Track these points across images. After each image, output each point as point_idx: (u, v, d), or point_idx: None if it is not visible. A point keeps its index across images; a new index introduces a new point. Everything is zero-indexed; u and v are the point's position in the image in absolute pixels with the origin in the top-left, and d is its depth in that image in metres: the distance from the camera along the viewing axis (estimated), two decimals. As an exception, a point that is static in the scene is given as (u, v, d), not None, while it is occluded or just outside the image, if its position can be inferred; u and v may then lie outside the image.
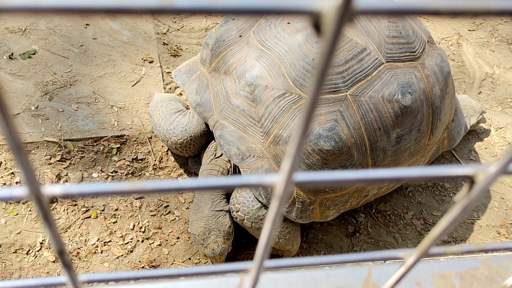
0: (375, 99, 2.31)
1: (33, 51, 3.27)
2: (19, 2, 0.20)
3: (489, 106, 3.75)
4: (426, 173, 0.34)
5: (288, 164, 0.30)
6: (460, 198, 0.37)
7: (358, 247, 2.77)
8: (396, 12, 0.22)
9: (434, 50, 2.67)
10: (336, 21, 0.22)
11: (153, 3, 0.20)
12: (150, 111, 2.88)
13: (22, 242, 2.44)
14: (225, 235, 2.44)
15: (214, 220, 2.45)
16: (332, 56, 0.23)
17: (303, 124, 0.28)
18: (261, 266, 0.42)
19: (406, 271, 0.48)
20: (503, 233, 2.94)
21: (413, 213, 2.99)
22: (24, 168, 0.27)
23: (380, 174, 0.34)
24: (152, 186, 0.32)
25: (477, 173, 0.34)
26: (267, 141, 2.32)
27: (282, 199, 0.33)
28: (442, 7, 0.23)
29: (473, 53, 4.20)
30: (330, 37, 0.22)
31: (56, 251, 0.35)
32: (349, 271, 0.63)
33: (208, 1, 0.21)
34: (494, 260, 0.67)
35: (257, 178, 0.33)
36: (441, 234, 0.41)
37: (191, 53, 3.65)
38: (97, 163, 2.83)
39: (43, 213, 0.31)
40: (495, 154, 3.41)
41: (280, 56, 2.32)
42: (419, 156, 2.65)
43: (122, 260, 2.48)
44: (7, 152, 2.71)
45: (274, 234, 0.37)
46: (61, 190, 0.31)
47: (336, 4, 0.21)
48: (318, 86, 0.25)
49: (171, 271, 0.45)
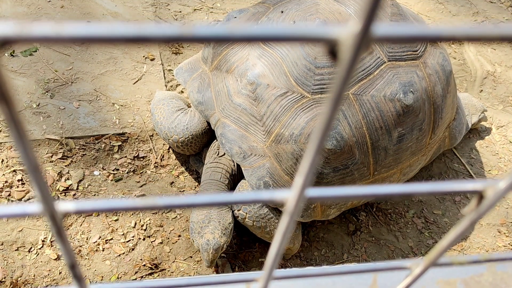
0: (377, 98, 2.31)
1: (35, 48, 3.27)
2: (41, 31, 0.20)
3: (490, 104, 3.75)
4: (436, 189, 0.35)
5: (301, 180, 0.31)
6: (469, 211, 0.38)
7: (359, 245, 2.77)
8: (413, 38, 0.22)
9: (436, 48, 2.67)
10: (353, 48, 0.22)
11: (173, 31, 0.21)
12: (152, 109, 2.88)
13: (24, 239, 2.44)
14: (224, 229, 2.37)
15: (216, 212, 2.41)
16: (348, 81, 0.23)
17: (316, 142, 0.28)
18: (270, 276, 0.42)
19: (412, 281, 0.49)
20: (503, 231, 2.95)
21: (414, 211, 2.99)
22: (39, 187, 0.27)
23: (391, 190, 0.34)
24: (164, 202, 0.32)
25: (486, 189, 0.35)
26: (268, 139, 2.33)
27: (293, 215, 0.33)
28: (459, 33, 0.23)
29: (474, 51, 4.19)
30: (347, 64, 0.22)
31: (68, 265, 0.35)
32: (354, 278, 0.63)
33: (227, 30, 0.21)
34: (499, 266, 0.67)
35: (268, 194, 0.33)
36: (449, 246, 0.42)
37: (192, 51, 3.65)
38: (99, 161, 2.83)
39: (56, 230, 0.31)
40: (496, 152, 3.41)
41: (282, 55, 2.32)
42: (420, 155, 2.65)
43: (123, 258, 2.48)
44: (8, 150, 2.71)
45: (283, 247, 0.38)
46: (75, 206, 0.31)
47: (353, 31, 0.21)
48: (333, 109, 0.25)
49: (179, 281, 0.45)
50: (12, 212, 0.30)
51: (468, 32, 0.23)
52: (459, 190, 0.35)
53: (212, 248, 2.31)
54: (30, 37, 0.20)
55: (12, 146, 2.74)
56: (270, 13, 2.50)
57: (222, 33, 0.21)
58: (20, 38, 0.20)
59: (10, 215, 0.30)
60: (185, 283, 0.44)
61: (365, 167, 2.39)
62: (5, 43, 0.20)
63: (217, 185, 2.55)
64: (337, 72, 0.23)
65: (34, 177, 0.27)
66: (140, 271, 2.45)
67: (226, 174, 2.59)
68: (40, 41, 0.20)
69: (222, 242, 2.36)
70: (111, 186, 2.74)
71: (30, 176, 0.27)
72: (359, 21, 0.21)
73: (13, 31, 0.20)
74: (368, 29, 0.21)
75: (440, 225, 2.93)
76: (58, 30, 0.20)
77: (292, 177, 2.34)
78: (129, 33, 0.20)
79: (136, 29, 0.20)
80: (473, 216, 0.37)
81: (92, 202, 0.31)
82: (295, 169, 2.31)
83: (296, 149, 2.27)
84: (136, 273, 2.44)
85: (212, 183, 2.56)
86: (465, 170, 3.27)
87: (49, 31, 0.20)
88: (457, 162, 3.31)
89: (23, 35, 0.20)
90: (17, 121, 0.23)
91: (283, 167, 2.32)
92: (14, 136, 0.24)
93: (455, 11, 4.59)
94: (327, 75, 2.25)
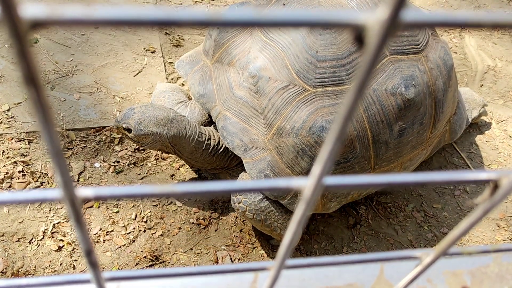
0: (378, 92, 2.31)
1: (35, 39, 3.26)
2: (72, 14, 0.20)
3: (490, 99, 3.75)
4: (451, 178, 0.35)
5: (319, 168, 0.31)
6: (482, 200, 0.38)
7: (359, 238, 2.78)
8: (441, 23, 0.22)
9: (438, 42, 2.67)
10: (381, 34, 0.22)
11: (202, 16, 0.21)
12: (152, 101, 2.87)
13: (25, 231, 2.45)
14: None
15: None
16: (374, 68, 0.23)
17: (338, 129, 0.28)
18: (283, 265, 0.42)
19: (422, 270, 0.49)
20: (502, 225, 2.96)
21: (413, 205, 3.00)
22: (61, 172, 0.28)
23: (406, 179, 0.34)
24: (182, 189, 0.32)
25: (501, 178, 0.35)
26: (270, 132, 2.33)
27: (310, 203, 0.33)
28: (484, 19, 0.23)
29: (475, 45, 4.19)
30: (374, 50, 0.22)
31: (84, 251, 0.35)
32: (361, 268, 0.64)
33: (257, 14, 0.21)
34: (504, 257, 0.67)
35: (285, 181, 0.33)
36: (460, 236, 0.42)
37: (193, 44, 3.64)
38: (99, 153, 2.83)
39: (75, 215, 0.31)
40: (496, 147, 3.42)
41: (283, 48, 2.32)
42: (421, 149, 2.65)
43: (124, 250, 2.49)
44: (9, 141, 2.71)
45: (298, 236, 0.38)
46: (93, 192, 0.31)
47: (382, 17, 0.21)
48: (357, 97, 0.25)
49: (190, 269, 0.45)
50: (33, 197, 0.30)
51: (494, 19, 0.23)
52: (474, 179, 0.35)
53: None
54: (61, 19, 0.20)
55: (13, 138, 2.73)
56: (272, 6, 2.49)
57: (252, 17, 0.21)
58: (51, 20, 0.20)
59: (31, 200, 0.30)
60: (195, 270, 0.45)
61: (366, 160, 2.40)
62: (36, 25, 0.20)
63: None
64: (363, 59, 0.23)
65: (56, 162, 0.27)
66: (141, 263, 2.46)
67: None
68: (71, 24, 0.20)
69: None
70: (111, 178, 2.74)
71: (52, 161, 0.27)
72: (387, 7, 0.21)
73: (45, 13, 0.20)
74: (397, 15, 0.21)
75: (440, 219, 2.94)
76: (89, 13, 0.20)
77: (293, 170, 2.34)
78: (159, 17, 0.20)
79: (166, 13, 0.21)
80: (486, 205, 0.37)
81: (111, 189, 0.31)
82: (296, 162, 2.31)
83: (297, 142, 2.27)
84: (136, 265, 2.45)
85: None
86: (465, 165, 3.28)
87: (80, 14, 0.20)
88: (457, 157, 3.32)
89: (54, 17, 0.20)
90: (44, 106, 0.23)
91: (284, 160, 2.32)
92: (40, 121, 0.24)
93: (456, 5, 4.58)
94: (328, 69, 2.25)
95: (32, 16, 0.20)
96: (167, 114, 2.44)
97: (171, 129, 2.43)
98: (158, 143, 2.44)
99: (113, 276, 0.42)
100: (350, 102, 0.26)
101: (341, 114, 0.27)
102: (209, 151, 2.58)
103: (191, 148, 2.53)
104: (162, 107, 2.47)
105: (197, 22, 0.21)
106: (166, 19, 0.20)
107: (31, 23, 0.20)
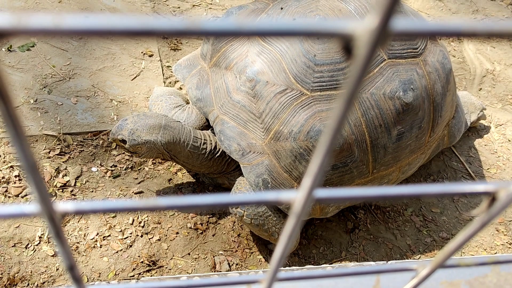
0: (376, 96, 2.30)
1: (32, 43, 3.25)
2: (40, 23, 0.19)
3: (489, 103, 3.74)
4: (447, 190, 0.34)
5: (309, 181, 0.29)
6: (479, 212, 0.37)
7: (357, 243, 2.77)
8: (433, 33, 0.21)
9: (436, 46, 2.66)
10: (370, 44, 0.21)
11: (179, 25, 0.19)
12: (150, 105, 2.86)
13: (21, 236, 2.43)
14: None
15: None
16: (363, 79, 0.22)
17: (327, 142, 0.27)
18: (275, 278, 0.41)
19: (418, 282, 0.48)
20: (501, 230, 2.95)
21: (412, 209, 2.99)
22: (37, 187, 0.26)
23: (400, 191, 0.33)
24: (166, 203, 0.31)
25: (499, 190, 0.34)
26: (267, 137, 2.31)
27: (300, 216, 0.32)
28: (479, 29, 0.22)
29: (474, 49, 4.19)
30: (362, 60, 0.21)
31: (66, 266, 0.34)
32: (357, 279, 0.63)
33: (236, 24, 0.20)
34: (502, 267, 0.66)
35: (274, 195, 0.32)
36: (457, 248, 0.41)
37: (191, 48, 3.63)
38: (96, 157, 2.82)
39: (55, 231, 0.30)
40: (494, 151, 3.41)
41: (281, 52, 2.31)
42: (419, 153, 2.64)
43: (121, 255, 2.47)
44: (6, 145, 2.70)
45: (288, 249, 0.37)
46: (73, 207, 0.30)
47: (371, 26, 0.20)
48: (346, 107, 0.24)
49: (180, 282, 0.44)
50: (10, 212, 0.28)
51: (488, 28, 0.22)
52: (470, 191, 0.34)
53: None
54: (28, 29, 0.19)
55: (9, 142, 2.72)
56: (269, 10, 2.48)
57: (231, 27, 0.20)
58: (18, 30, 0.19)
59: (8, 216, 0.28)
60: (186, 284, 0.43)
61: (364, 165, 2.39)
62: (2, 35, 0.19)
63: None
64: (352, 69, 0.22)
65: (31, 176, 0.25)
66: (138, 268, 2.44)
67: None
68: (39, 34, 0.19)
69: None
70: (109, 182, 2.73)
71: (27, 175, 0.26)
72: (376, 16, 0.20)
73: (10, 23, 0.18)
74: (387, 24, 0.20)
75: (438, 223, 2.93)
76: (57, 22, 0.19)
77: (291, 175, 2.33)
78: (132, 26, 0.19)
79: (140, 22, 0.19)
80: (484, 218, 0.36)
81: (91, 203, 0.30)
82: (293, 167, 2.30)
83: (295, 147, 2.26)
84: (133, 270, 2.43)
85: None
86: (463, 169, 3.27)
87: (48, 23, 0.19)
88: (456, 161, 3.31)
89: (20, 27, 0.19)
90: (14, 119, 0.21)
91: (281, 165, 2.31)
92: (11, 134, 0.22)
93: (455, 9, 4.58)
94: (326, 73, 2.24)
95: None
96: (159, 121, 2.44)
97: (164, 135, 2.42)
98: (153, 151, 2.43)
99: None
100: (340, 112, 0.24)
101: (331, 126, 0.26)
102: (205, 155, 2.57)
103: (187, 153, 2.52)
104: (154, 115, 2.47)
105: (174, 32, 0.20)
106: (140, 28, 0.19)
107: (-4, 33, 0.19)
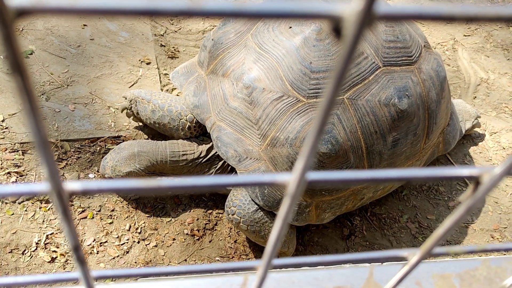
0: (372, 102, 2.33)
1: (30, 51, 3.27)
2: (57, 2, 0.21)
3: (484, 111, 3.78)
4: (434, 174, 0.35)
5: (302, 163, 0.31)
6: (465, 198, 0.39)
7: (353, 249, 2.78)
8: (414, 16, 0.23)
9: (431, 54, 2.69)
10: (357, 25, 0.23)
11: (182, 5, 0.21)
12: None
13: (18, 242, 2.43)
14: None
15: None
16: (351, 59, 0.24)
17: (318, 124, 0.29)
18: (269, 264, 0.43)
19: (409, 270, 0.49)
20: (496, 237, 2.97)
21: (407, 216, 3.01)
22: (48, 164, 0.28)
23: (389, 174, 0.35)
24: (167, 184, 0.33)
25: (482, 174, 0.36)
26: (264, 143, 2.33)
27: (294, 197, 0.34)
28: (457, 13, 0.24)
29: (468, 58, 4.23)
30: (350, 41, 0.23)
31: (71, 246, 0.35)
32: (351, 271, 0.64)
33: (236, 6, 0.22)
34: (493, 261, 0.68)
35: (270, 176, 0.34)
36: (445, 234, 0.42)
37: (188, 55, 3.66)
38: (94, 164, 2.83)
39: (62, 209, 0.31)
40: (489, 158, 3.43)
41: (277, 59, 2.33)
42: (414, 160, 2.66)
43: (118, 261, 2.47)
44: (3, 152, 2.70)
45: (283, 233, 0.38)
46: (81, 186, 0.31)
47: (357, 8, 0.22)
48: (336, 87, 0.26)
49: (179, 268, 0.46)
50: (19, 190, 0.30)
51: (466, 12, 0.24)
52: (456, 175, 0.36)
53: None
54: (46, 8, 0.20)
55: (7, 148, 2.73)
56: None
57: (231, 9, 0.22)
58: (37, 9, 0.20)
59: (17, 194, 0.30)
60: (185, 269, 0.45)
61: (360, 171, 2.40)
62: (22, 13, 0.21)
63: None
64: (341, 50, 0.24)
65: (42, 152, 0.27)
66: (134, 274, 2.44)
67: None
68: (56, 12, 0.21)
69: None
70: (106, 189, 2.73)
71: (38, 152, 0.27)
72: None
73: (30, 2, 0.20)
74: (371, 7, 0.22)
75: (434, 230, 2.94)
76: (73, 2, 0.21)
77: (287, 181, 2.34)
78: (141, 5, 0.21)
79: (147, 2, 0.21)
80: (469, 202, 0.38)
81: (98, 183, 0.32)
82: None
83: (291, 153, 2.28)
84: (130, 276, 2.43)
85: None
86: (458, 176, 3.29)
87: (64, 3, 0.21)
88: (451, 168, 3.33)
89: (39, 6, 0.20)
90: (29, 93, 0.23)
91: (278, 171, 2.32)
92: (26, 109, 0.24)
93: (449, 19, 4.63)
94: (322, 80, 2.27)
95: (18, 5, 0.20)
96: (132, 150, 2.58)
97: (141, 162, 2.56)
98: (141, 176, 2.59)
99: (101, 274, 0.42)
100: (331, 92, 0.26)
101: (322, 107, 0.28)
102: (189, 164, 2.63)
103: (169, 168, 2.64)
104: (127, 146, 2.61)
105: (178, 12, 0.22)
106: (147, 8, 0.21)
107: (17, 12, 0.20)
